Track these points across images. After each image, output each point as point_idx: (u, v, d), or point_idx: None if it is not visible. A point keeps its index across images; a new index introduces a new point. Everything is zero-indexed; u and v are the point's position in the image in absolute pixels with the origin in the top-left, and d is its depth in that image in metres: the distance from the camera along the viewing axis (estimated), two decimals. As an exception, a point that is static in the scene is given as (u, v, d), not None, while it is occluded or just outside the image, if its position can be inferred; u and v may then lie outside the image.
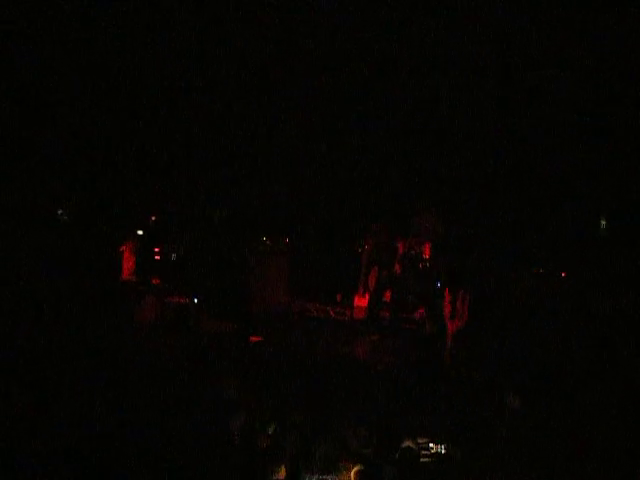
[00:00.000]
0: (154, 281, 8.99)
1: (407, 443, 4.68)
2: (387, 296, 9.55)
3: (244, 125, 11.03)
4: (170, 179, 10.63)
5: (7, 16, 9.27)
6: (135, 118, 10.42)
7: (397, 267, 9.39)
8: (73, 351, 6.39)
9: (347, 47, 10.43)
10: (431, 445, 4.71)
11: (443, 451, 4.69)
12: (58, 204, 9.65)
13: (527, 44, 9.95)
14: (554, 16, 9.55)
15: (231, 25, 10.32)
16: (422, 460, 4.66)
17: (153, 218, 10.19)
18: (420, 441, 4.71)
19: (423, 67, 10.35)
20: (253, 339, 7.96)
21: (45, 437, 4.49)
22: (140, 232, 9.39)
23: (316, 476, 4.28)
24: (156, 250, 9.75)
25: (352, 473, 4.30)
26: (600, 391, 6.11)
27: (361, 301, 9.71)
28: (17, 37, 9.40)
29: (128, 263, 8.98)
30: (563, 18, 9.60)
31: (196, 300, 8.76)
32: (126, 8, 9.98)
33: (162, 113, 10.76)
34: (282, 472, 4.32)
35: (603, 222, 11.28)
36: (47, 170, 9.73)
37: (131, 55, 10.13)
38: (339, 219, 11.17)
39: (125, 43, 9.98)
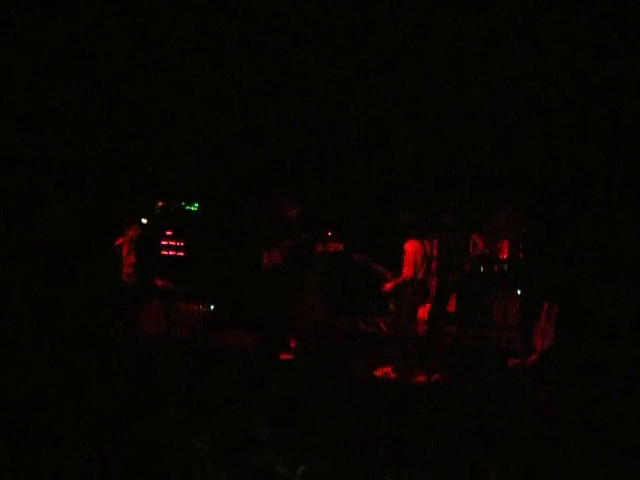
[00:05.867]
0: (158, 282, 7.48)
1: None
2: (452, 305, 8.05)
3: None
4: (185, 154, 8.96)
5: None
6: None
7: (467, 267, 7.81)
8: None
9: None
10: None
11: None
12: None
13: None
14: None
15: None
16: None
17: (160, 204, 8.76)
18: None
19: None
20: (283, 356, 7.10)
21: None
22: (144, 220, 7.78)
23: None
24: (163, 244, 8.60)
25: None
26: None
27: (420, 312, 8.18)
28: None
29: (128, 259, 7.30)
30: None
31: (213, 307, 7.80)
32: None
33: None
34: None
35: None
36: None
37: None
38: (396, 206, 9.18)
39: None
